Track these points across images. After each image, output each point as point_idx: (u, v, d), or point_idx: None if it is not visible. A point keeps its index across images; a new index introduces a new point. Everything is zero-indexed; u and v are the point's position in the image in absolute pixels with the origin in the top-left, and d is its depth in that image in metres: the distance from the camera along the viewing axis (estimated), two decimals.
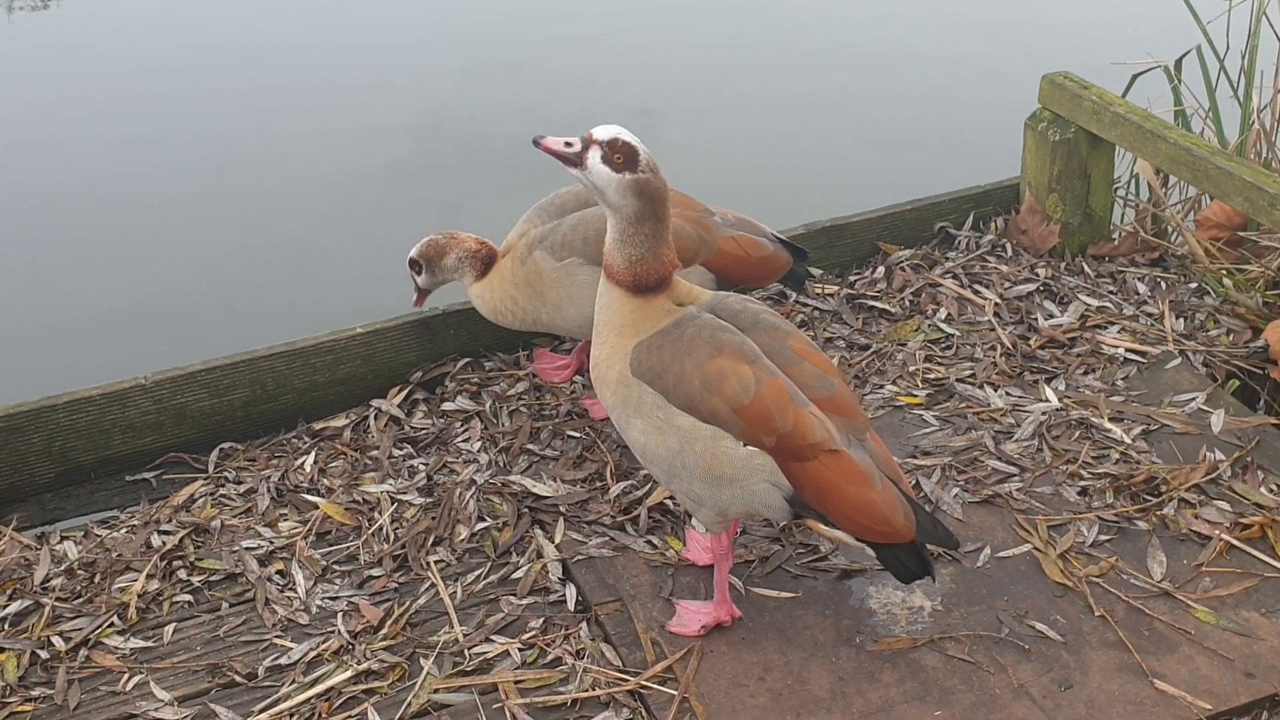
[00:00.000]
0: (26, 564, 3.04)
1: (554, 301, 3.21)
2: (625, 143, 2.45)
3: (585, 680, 2.67)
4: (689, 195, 3.30)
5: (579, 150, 2.48)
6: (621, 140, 2.45)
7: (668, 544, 3.01)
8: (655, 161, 2.48)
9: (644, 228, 2.49)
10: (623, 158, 2.45)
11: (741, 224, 3.32)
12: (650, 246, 2.51)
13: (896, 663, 2.69)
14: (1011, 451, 3.26)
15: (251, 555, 3.04)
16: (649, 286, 2.55)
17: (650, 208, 2.48)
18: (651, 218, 2.49)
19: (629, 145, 2.45)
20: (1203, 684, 2.62)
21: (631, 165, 2.45)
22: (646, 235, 2.50)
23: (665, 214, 2.51)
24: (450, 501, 3.16)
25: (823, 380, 2.57)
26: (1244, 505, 3.07)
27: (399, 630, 2.82)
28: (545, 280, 3.19)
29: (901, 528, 2.52)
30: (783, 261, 3.32)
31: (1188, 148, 3.62)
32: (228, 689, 2.71)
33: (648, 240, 2.50)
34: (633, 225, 2.50)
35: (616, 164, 2.45)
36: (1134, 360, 3.60)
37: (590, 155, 2.47)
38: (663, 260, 2.53)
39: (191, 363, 3.41)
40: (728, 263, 3.23)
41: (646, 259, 2.52)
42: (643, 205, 2.48)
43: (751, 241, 3.27)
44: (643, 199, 2.47)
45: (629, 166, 2.45)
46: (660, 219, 2.50)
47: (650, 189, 2.47)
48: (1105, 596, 2.84)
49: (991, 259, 4.07)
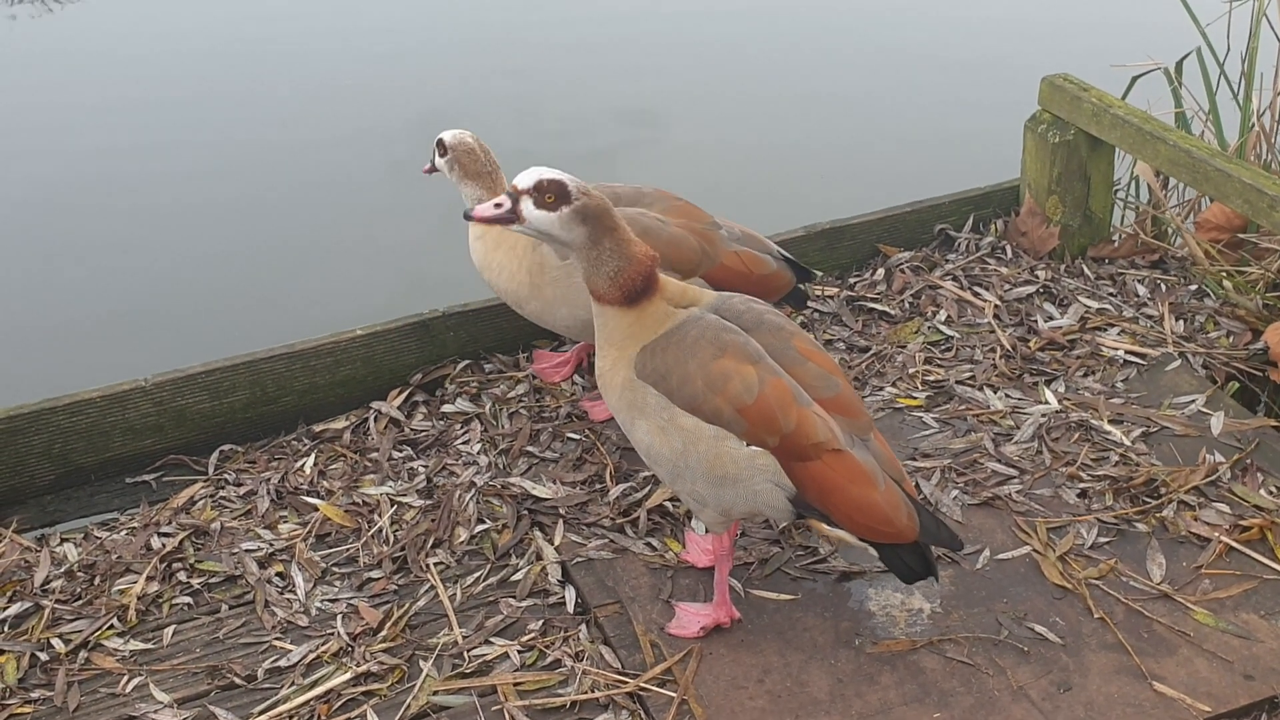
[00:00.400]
0: (26, 566, 3.04)
1: (548, 297, 3.20)
2: (550, 180, 2.46)
3: (584, 682, 2.67)
4: (697, 206, 3.29)
5: (510, 207, 2.49)
6: (545, 180, 2.46)
7: (667, 546, 3.01)
8: (582, 183, 2.48)
9: (604, 244, 2.50)
10: (553, 195, 2.46)
11: (748, 239, 3.31)
12: (620, 254, 2.51)
13: (895, 665, 2.69)
14: (1011, 453, 3.26)
15: (251, 557, 3.04)
16: (639, 290, 2.55)
17: (599, 225, 2.48)
18: (605, 231, 2.49)
19: (555, 182, 2.46)
20: (1202, 686, 2.62)
21: (564, 198, 2.46)
22: (610, 248, 2.50)
23: (615, 220, 2.50)
24: (450, 504, 3.16)
25: (827, 380, 2.57)
26: (1243, 507, 3.07)
27: (398, 632, 2.82)
28: (546, 275, 3.18)
29: (905, 528, 2.52)
30: (785, 280, 3.31)
31: (1187, 150, 3.62)
32: (227, 691, 2.71)
33: (614, 251, 2.50)
34: (594, 248, 2.50)
35: (549, 204, 2.46)
36: (1134, 362, 3.60)
37: (523, 205, 2.48)
38: (637, 259, 2.52)
39: (192, 365, 3.41)
40: (728, 277, 3.21)
41: (623, 268, 2.52)
42: (591, 228, 2.48)
43: (755, 258, 3.26)
44: (588, 222, 2.48)
45: (562, 200, 2.46)
46: (613, 228, 2.50)
47: (590, 209, 2.47)
48: (1104, 599, 2.84)
49: (991, 261, 4.07)
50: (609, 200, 2.52)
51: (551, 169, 2.48)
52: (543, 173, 2.47)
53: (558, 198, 2.46)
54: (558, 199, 2.46)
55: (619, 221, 2.52)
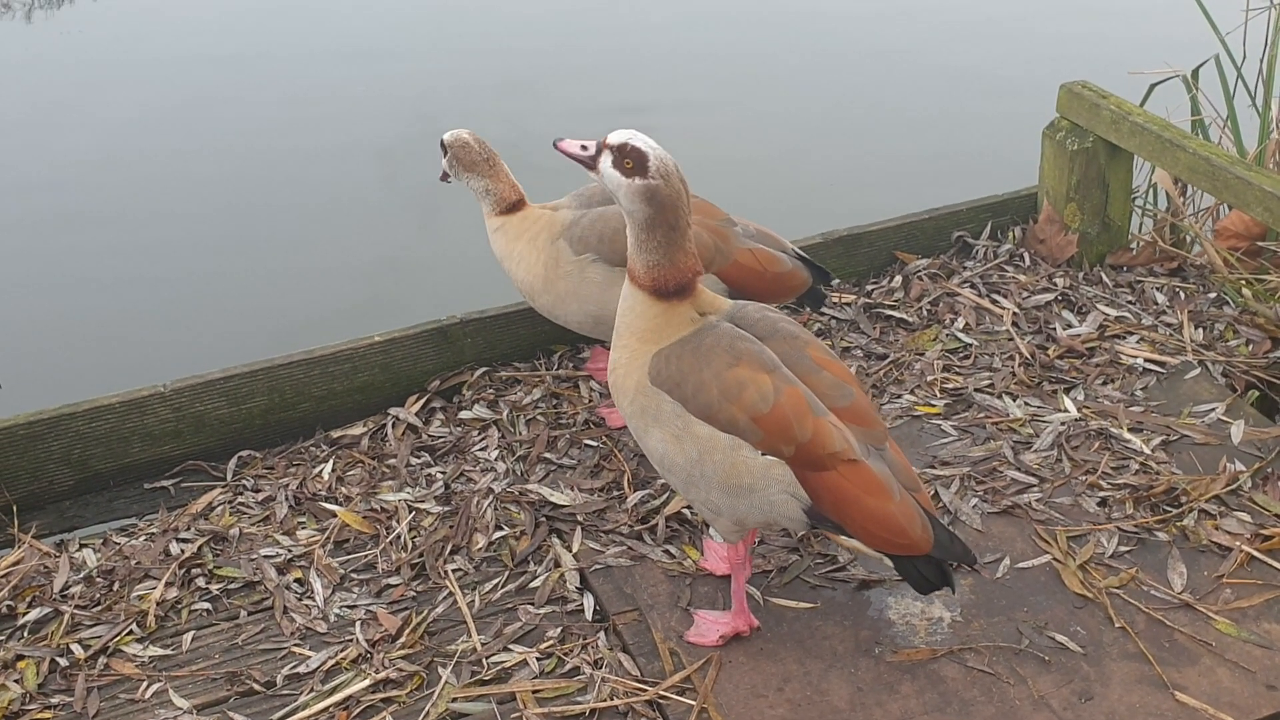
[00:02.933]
0: (46, 571, 3.05)
1: (561, 291, 3.21)
2: (634, 148, 2.44)
3: (603, 690, 2.67)
4: (712, 203, 3.28)
5: (592, 154, 2.49)
6: (631, 145, 2.44)
7: (685, 553, 3.01)
8: (671, 167, 2.45)
9: (656, 234, 2.47)
10: (632, 163, 2.44)
11: (763, 237, 3.30)
12: (665, 253, 2.49)
13: (916, 674, 2.68)
14: (1030, 462, 3.25)
15: (270, 563, 3.04)
16: (669, 292, 2.53)
17: (661, 215, 2.46)
18: (664, 225, 2.46)
19: (638, 150, 2.43)
20: (1224, 696, 2.61)
21: (641, 171, 2.43)
22: (660, 242, 2.48)
23: (679, 221, 2.48)
24: (468, 510, 3.16)
25: (841, 389, 2.55)
26: (1264, 516, 3.05)
27: (417, 639, 2.82)
28: (560, 269, 3.19)
29: (919, 539, 2.50)
30: (800, 280, 3.30)
31: (1207, 157, 3.61)
32: (246, 697, 2.71)
33: (661, 247, 2.49)
34: (645, 231, 2.48)
35: (626, 169, 2.44)
36: (1153, 370, 3.58)
37: (603, 159, 2.47)
38: (679, 267, 2.51)
39: (210, 371, 3.42)
40: (742, 275, 3.21)
41: (663, 265, 2.50)
42: (653, 211, 2.46)
43: (770, 256, 3.25)
44: (653, 205, 2.45)
45: (638, 172, 2.43)
46: (673, 226, 2.47)
47: (660, 195, 2.44)
48: (1125, 608, 2.83)
49: (1009, 268, 4.06)
50: (685, 195, 2.48)
51: (648, 139, 2.46)
52: (634, 138, 2.45)
53: (635, 166, 2.44)
54: (635, 167, 2.44)
55: (681, 221, 2.48)
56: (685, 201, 2.48)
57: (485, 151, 3.30)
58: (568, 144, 2.54)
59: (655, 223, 2.46)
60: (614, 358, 2.64)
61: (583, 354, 3.72)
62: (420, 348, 3.58)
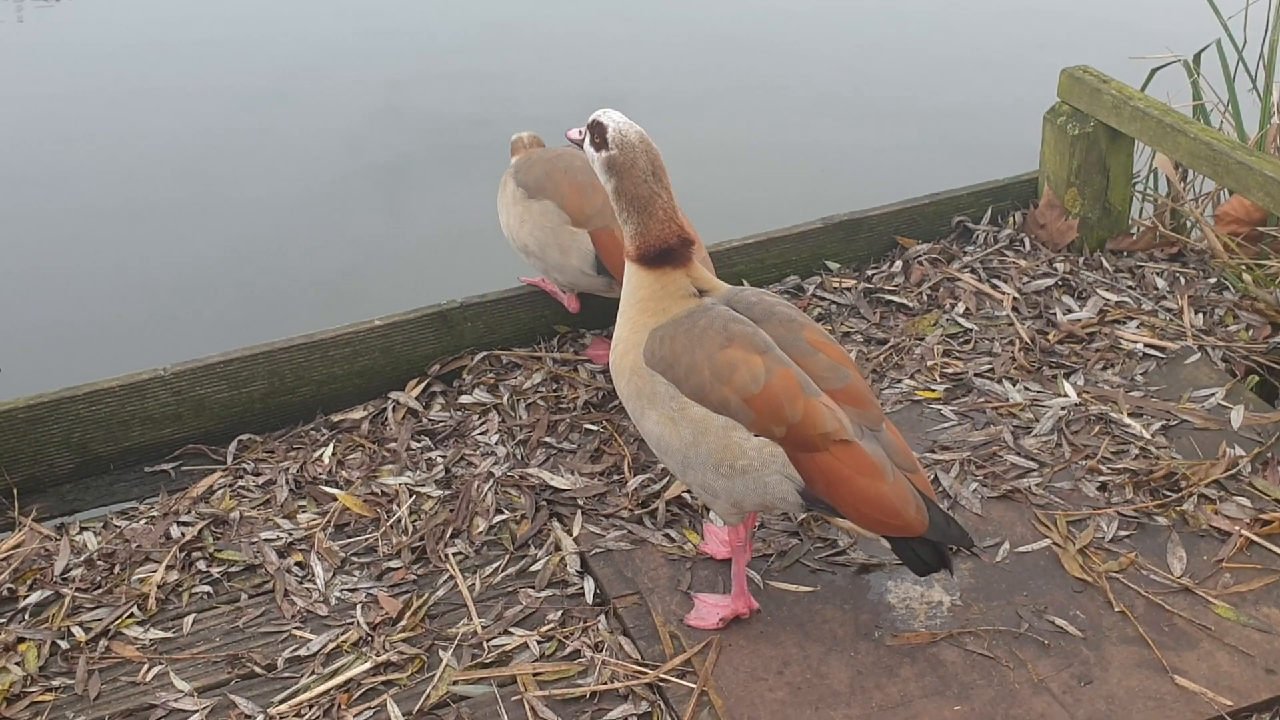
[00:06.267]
0: (46, 554, 3.05)
1: (503, 221, 3.52)
2: (597, 122, 2.58)
3: (604, 673, 2.67)
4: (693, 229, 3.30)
5: (580, 137, 2.67)
6: (595, 120, 2.58)
7: (686, 537, 3.01)
8: (631, 137, 2.55)
9: (624, 202, 2.58)
10: (598, 137, 2.57)
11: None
12: (640, 219, 2.57)
13: (915, 657, 2.69)
14: (1030, 446, 3.25)
15: (270, 547, 3.05)
16: (652, 257, 2.59)
17: (623, 183, 2.56)
18: (628, 193, 2.56)
19: (599, 123, 2.57)
20: (1223, 680, 2.61)
21: (602, 144, 2.56)
22: (626, 207, 2.58)
23: (640, 188, 2.55)
24: (468, 494, 3.16)
25: (837, 371, 2.56)
26: (1264, 501, 3.06)
27: (418, 622, 2.82)
28: (501, 199, 3.54)
29: (913, 520, 2.50)
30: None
31: (1208, 142, 3.60)
32: (247, 680, 2.72)
33: (635, 214, 2.58)
34: (616, 199, 2.60)
35: (596, 144, 2.58)
36: (1153, 355, 3.58)
37: (585, 138, 2.62)
38: (654, 233, 2.57)
39: (210, 354, 3.42)
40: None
41: (640, 232, 2.58)
42: (618, 180, 2.57)
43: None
44: (614, 173, 2.57)
45: (602, 144, 2.56)
46: (637, 193, 2.55)
47: (615, 164, 2.55)
48: (1125, 592, 2.83)
49: (1010, 253, 4.06)
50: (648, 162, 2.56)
51: (618, 115, 2.58)
52: (601, 114, 2.59)
53: (600, 140, 2.57)
54: (600, 141, 2.57)
55: (643, 188, 2.55)
56: (647, 168, 2.55)
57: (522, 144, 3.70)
58: (570, 131, 2.72)
59: (621, 191, 2.58)
60: (616, 334, 2.67)
61: (584, 339, 3.72)
62: (420, 332, 3.58)
